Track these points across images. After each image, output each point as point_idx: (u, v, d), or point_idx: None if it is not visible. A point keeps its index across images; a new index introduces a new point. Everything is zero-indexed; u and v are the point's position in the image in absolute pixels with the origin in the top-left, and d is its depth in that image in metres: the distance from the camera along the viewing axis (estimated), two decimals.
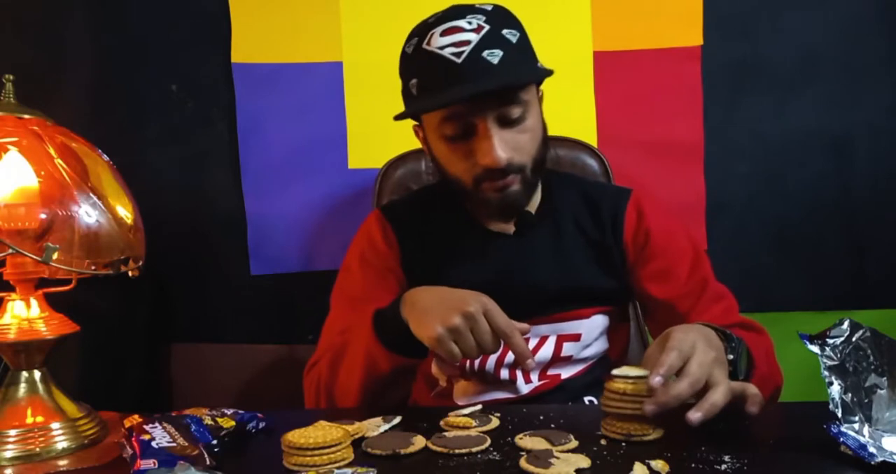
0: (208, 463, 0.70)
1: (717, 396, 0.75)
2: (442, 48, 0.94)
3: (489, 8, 0.98)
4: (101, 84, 1.65)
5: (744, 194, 1.62)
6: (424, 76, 0.97)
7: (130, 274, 0.87)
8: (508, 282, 1.05)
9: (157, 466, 0.68)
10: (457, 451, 0.73)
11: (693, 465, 0.68)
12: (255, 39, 1.63)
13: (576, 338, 1.07)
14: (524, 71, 0.99)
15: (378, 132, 1.63)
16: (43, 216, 0.82)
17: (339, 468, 0.69)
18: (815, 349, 0.73)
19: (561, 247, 1.09)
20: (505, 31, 0.95)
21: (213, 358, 1.69)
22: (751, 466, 0.67)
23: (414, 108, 1.00)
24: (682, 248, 1.10)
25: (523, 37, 0.98)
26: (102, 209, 0.84)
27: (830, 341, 0.73)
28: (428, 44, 0.95)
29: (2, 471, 0.75)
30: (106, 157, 0.92)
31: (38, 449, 0.78)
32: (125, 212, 0.88)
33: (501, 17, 0.98)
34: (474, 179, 1.00)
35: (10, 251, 0.78)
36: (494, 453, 0.73)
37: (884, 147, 1.60)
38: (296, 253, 1.66)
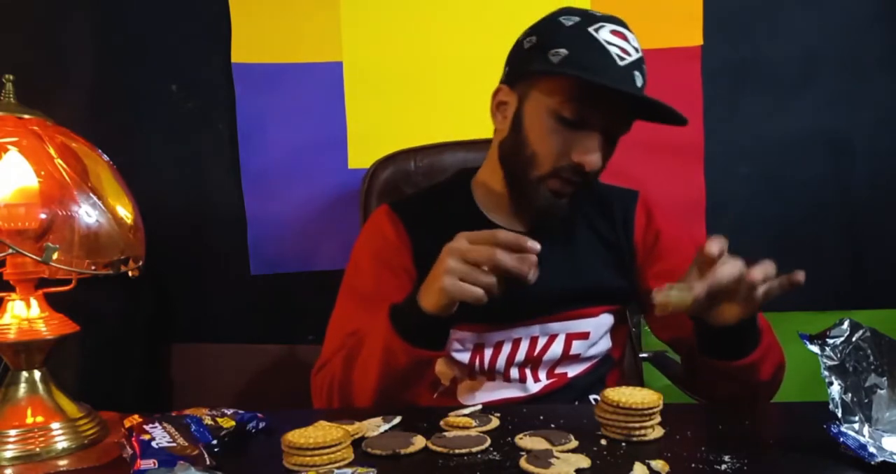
0: (208, 463, 0.70)
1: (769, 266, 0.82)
2: (609, 43, 0.96)
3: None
4: (101, 84, 1.65)
5: (744, 194, 1.63)
6: (582, 55, 0.96)
7: (130, 274, 0.86)
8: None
9: (157, 466, 0.68)
10: (457, 451, 0.73)
11: (693, 465, 0.68)
12: (255, 39, 1.63)
13: (584, 336, 1.07)
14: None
15: (378, 132, 1.63)
16: (43, 216, 0.82)
17: (339, 468, 0.69)
18: (815, 349, 0.73)
19: (573, 246, 1.09)
20: (643, 66, 0.99)
21: (213, 358, 1.69)
22: (751, 466, 0.67)
23: (569, 70, 0.96)
24: (688, 250, 1.11)
25: (646, 80, 1.01)
26: (102, 209, 0.84)
27: (830, 341, 0.73)
28: (596, 31, 0.96)
29: (2, 471, 0.75)
30: (106, 157, 0.91)
31: (38, 449, 0.78)
32: (125, 212, 0.87)
33: (642, 54, 1.00)
34: (555, 168, 0.99)
35: (10, 251, 0.77)
36: (494, 453, 0.73)
37: (884, 147, 1.60)
38: (296, 253, 1.66)
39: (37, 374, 0.83)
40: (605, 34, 0.96)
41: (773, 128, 1.61)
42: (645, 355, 1.41)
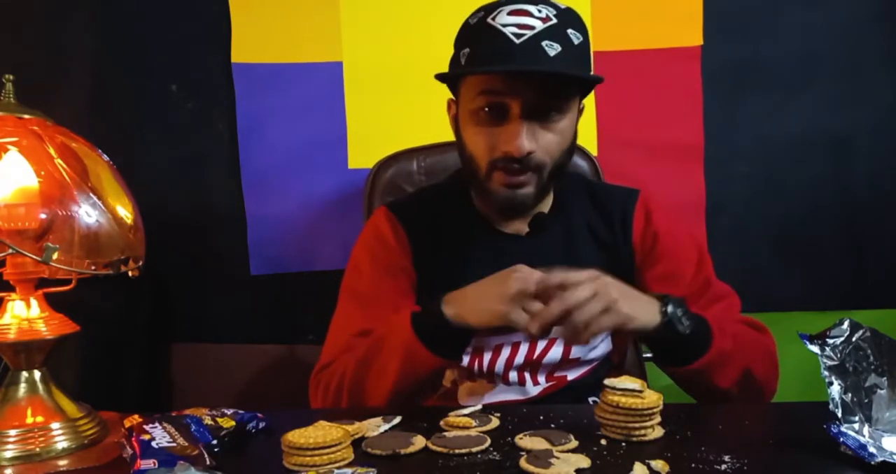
0: (208, 463, 0.70)
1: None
2: (505, 26, 0.94)
3: (562, 6, 0.99)
4: (101, 84, 1.65)
5: (744, 194, 1.62)
6: (478, 47, 0.96)
7: (130, 274, 0.86)
8: None
9: (157, 466, 0.68)
10: (457, 451, 0.73)
11: (693, 465, 0.68)
12: (255, 39, 1.63)
13: None
14: (576, 69, 0.98)
15: (378, 132, 1.63)
16: (43, 216, 0.82)
17: (339, 468, 0.69)
18: (815, 349, 0.73)
19: (572, 249, 1.09)
20: (570, 31, 0.95)
21: (213, 358, 1.69)
22: (751, 466, 0.67)
23: (456, 71, 0.99)
24: (688, 251, 1.11)
25: (585, 42, 0.98)
26: (102, 209, 0.84)
27: (830, 341, 0.73)
28: (493, 19, 0.95)
29: (2, 471, 0.75)
30: (106, 157, 0.91)
31: (38, 449, 0.78)
32: (125, 212, 0.87)
33: (570, 17, 0.98)
34: (489, 163, 0.99)
35: (10, 251, 0.77)
36: (494, 453, 0.73)
37: (884, 147, 1.60)
38: (296, 253, 1.66)
39: (37, 374, 0.83)
40: (501, 18, 0.95)
41: (773, 128, 1.61)
42: (648, 355, 1.40)
